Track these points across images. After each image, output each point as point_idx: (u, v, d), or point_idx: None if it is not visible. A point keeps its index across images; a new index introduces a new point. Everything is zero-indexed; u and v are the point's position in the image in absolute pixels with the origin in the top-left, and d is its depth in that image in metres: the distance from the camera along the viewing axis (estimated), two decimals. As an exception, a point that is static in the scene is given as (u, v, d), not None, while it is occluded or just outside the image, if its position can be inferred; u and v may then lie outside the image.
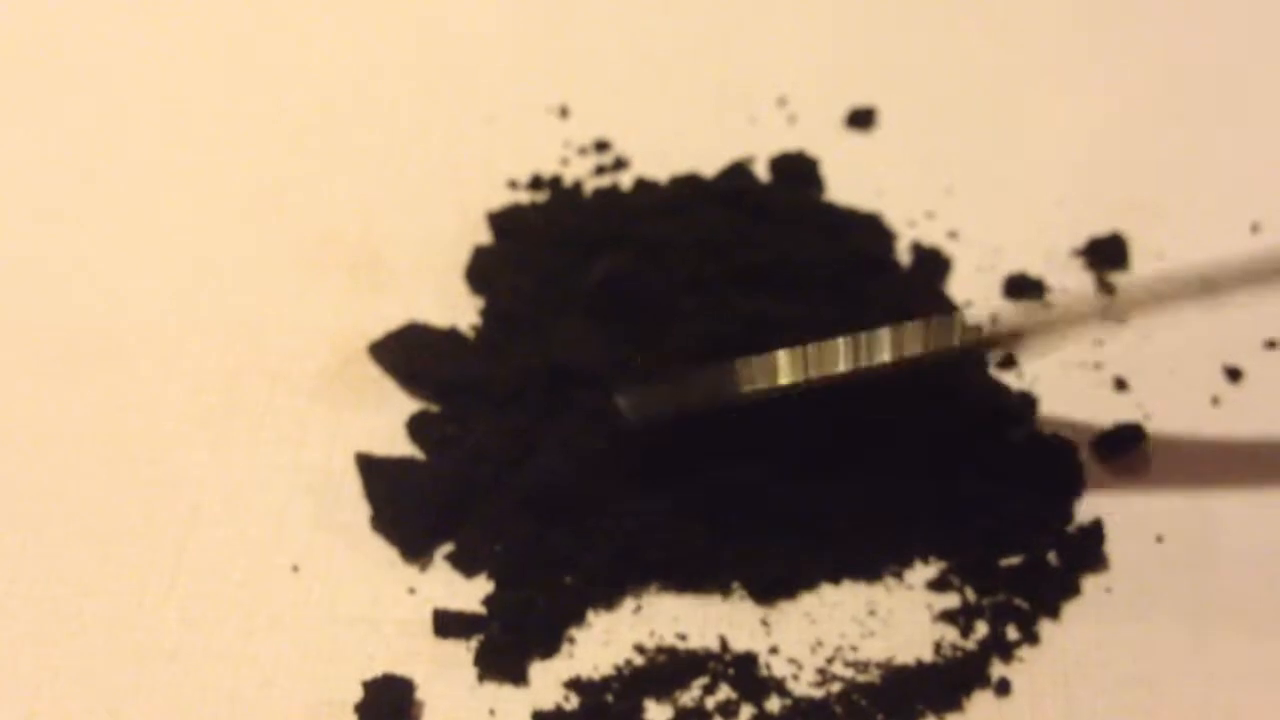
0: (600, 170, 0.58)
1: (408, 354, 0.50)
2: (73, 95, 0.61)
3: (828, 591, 0.45)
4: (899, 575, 0.45)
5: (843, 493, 0.46)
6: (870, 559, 0.45)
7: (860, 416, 0.47)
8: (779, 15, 0.65)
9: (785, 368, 0.44)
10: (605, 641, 0.44)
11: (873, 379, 0.44)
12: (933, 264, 0.54)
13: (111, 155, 0.58)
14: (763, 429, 0.46)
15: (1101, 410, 0.49)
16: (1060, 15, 0.65)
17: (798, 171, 0.57)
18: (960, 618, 0.44)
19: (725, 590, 0.45)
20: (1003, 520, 0.46)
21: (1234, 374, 0.51)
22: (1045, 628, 0.44)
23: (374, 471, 0.47)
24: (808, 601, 0.45)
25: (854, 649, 0.44)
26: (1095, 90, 0.62)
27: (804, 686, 0.43)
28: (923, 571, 0.45)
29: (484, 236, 0.55)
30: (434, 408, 0.49)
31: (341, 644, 0.44)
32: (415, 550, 0.46)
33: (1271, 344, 0.52)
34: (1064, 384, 0.50)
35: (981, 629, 0.44)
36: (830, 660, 0.43)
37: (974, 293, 0.53)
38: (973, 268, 0.54)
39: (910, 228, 0.55)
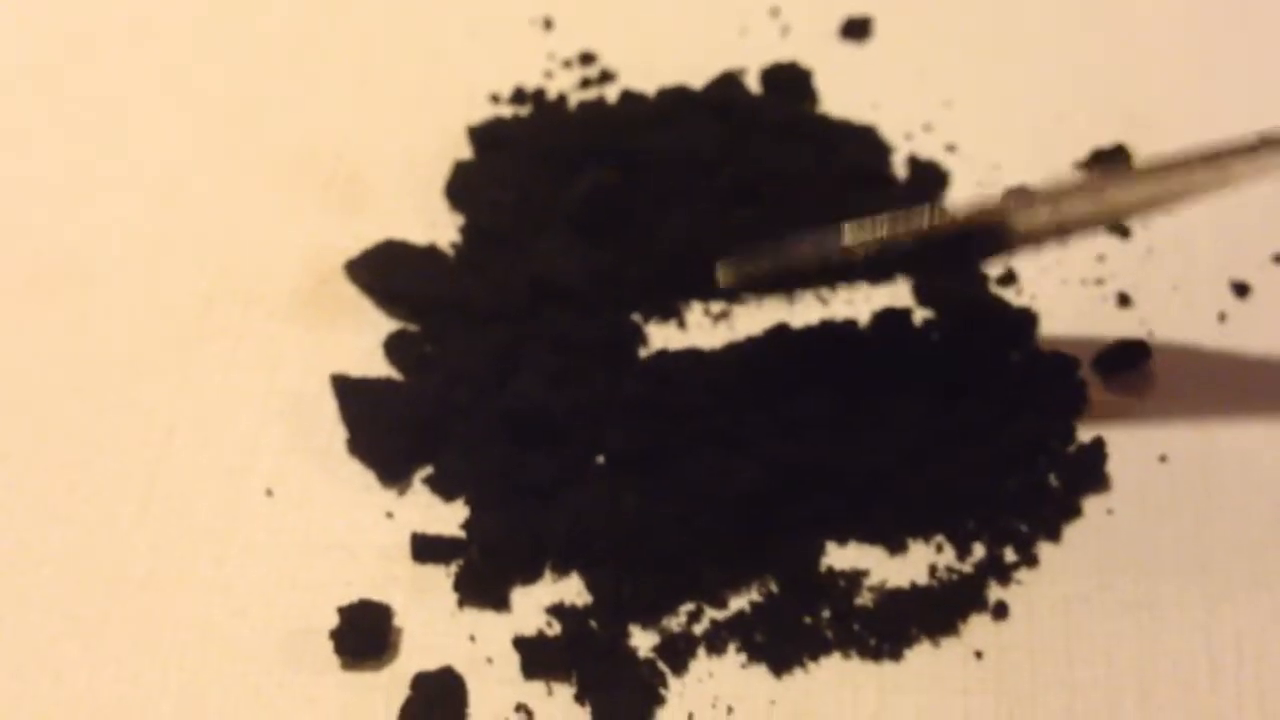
0: (585, 83, 0.56)
1: (385, 272, 0.49)
2: (41, 14, 0.59)
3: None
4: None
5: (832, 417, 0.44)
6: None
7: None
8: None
9: (881, 226, 0.43)
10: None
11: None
12: (930, 178, 0.52)
13: (80, 71, 0.57)
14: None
15: (1104, 326, 0.48)
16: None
17: (790, 83, 0.55)
18: (957, 540, 0.43)
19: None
20: (1002, 440, 0.44)
21: (1241, 289, 0.49)
22: (1044, 550, 0.43)
23: (350, 393, 0.46)
24: (799, 524, 0.43)
25: (847, 572, 0.42)
26: (1099, -1, 0.60)
27: (794, 611, 0.41)
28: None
29: (464, 151, 0.53)
30: (412, 327, 0.48)
31: (317, 570, 0.43)
32: (393, 474, 0.45)
33: (1280, 258, 0.50)
34: (1065, 300, 0.49)
35: (979, 551, 0.43)
36: (822, 584, 0.42)
37: (972, 207, 0.52)
38: (971, 181, 0.52)
39: (907, 141, 0.54)
